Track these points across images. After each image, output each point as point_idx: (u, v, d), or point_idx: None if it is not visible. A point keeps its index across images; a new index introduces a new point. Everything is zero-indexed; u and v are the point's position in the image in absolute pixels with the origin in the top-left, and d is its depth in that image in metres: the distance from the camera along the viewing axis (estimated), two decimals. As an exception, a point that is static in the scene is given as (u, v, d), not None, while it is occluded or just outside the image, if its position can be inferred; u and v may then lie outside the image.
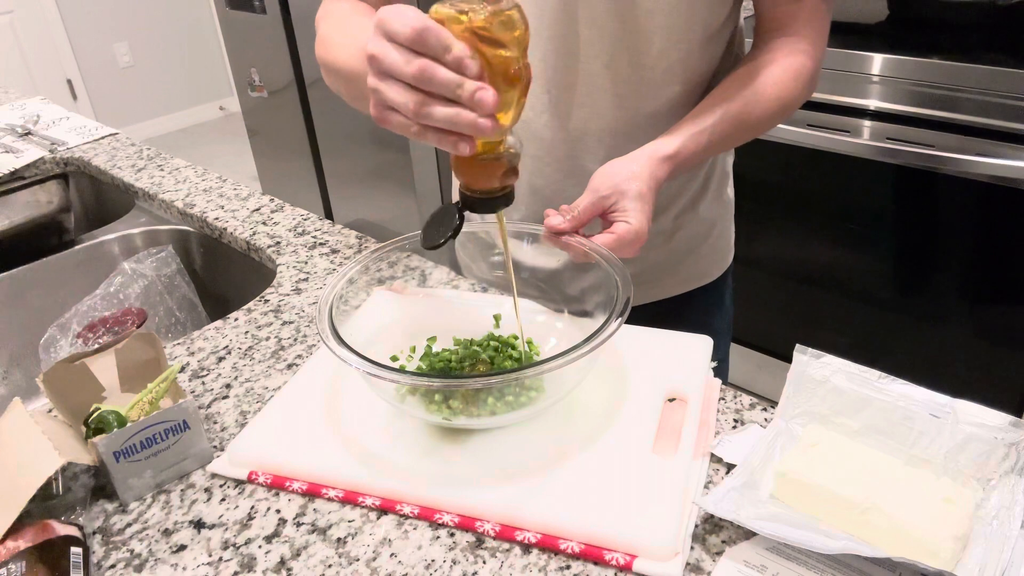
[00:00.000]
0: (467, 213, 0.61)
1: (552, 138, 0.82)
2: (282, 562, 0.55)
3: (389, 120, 0.55)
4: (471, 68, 0.52)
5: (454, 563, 0.53)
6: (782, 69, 0.77)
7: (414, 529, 0.56)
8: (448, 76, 0.51)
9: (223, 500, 0.60)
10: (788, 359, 0.63)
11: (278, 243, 1.00)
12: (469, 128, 0.52)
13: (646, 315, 0.79)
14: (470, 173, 0.60)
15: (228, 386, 0.74)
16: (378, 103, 0.54)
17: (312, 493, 0.60)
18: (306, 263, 0.94)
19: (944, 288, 1.62)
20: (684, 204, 0.89)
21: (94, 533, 0.58)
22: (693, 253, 0.93)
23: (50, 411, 0.69)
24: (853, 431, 0.59)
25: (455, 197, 0.63)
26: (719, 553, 0.52)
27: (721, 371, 1.03)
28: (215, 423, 0.69)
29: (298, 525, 0.58)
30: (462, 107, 0.52)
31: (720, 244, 0.97)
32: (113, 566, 0.55)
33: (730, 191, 0.97)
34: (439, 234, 0.61)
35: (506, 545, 0.55)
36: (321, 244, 0.98)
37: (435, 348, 0.71)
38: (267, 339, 0.80)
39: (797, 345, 0.63)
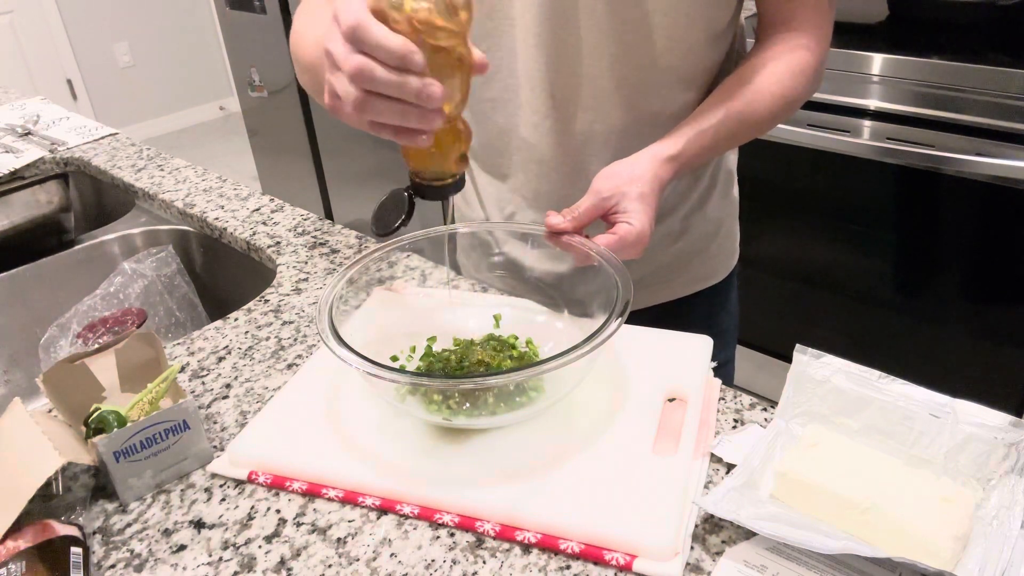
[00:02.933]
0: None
1: (557, 143, 0.81)
2: (282, 562, 0.55)
3: (342, 111, 0.54)
4: (414, 63, 0.49)
5: (454, 563, 0.53)
6: (783, 65, 0.76)
7: (414, 529, 0.56)
8: (387, 75, 0.49)
9: (223, 500, 0.60)
10: (788, 359, 0.63)
11: (278, 243, 1.00)
12: (417, 123, 0.51)
13: (652, 317, 0.79)
14: (421, 159, 0.59)
15: (228, 386, 0.74)
16: (331, 94, 0.54)
17: (312, 493, 0.60)
18: (306, 263, 0.94)
19: (944, 288, 1.62)
20: (692, 204, 0.89)
21: (94, 533, 0.58)
22: (701, 254, 0.93)
23: (50, 411, 0.69)
24: (853, 431, 0.59)
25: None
26: (719, 553, 0.53)
27: (727, 373, 1.03)
28: (215, 423, 0.69)
29: (298, 525, 0.58)
30: (407, 103, 0.51)
31: (727, 244, 0.96)
32: (113, 566, 0.55)
33: (735, 190, 0.96)
34: (391, 220, 0.60)
35: (506, 545, 0.55)
36: (321, 244, 0.98)
37: (435, 348, 0.71)
38: (267, 339, 0.80)
39: (797, 345, 0.63)
